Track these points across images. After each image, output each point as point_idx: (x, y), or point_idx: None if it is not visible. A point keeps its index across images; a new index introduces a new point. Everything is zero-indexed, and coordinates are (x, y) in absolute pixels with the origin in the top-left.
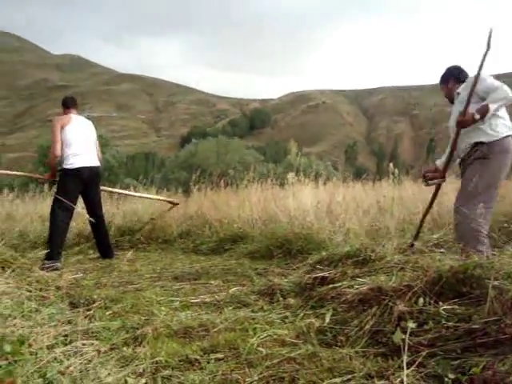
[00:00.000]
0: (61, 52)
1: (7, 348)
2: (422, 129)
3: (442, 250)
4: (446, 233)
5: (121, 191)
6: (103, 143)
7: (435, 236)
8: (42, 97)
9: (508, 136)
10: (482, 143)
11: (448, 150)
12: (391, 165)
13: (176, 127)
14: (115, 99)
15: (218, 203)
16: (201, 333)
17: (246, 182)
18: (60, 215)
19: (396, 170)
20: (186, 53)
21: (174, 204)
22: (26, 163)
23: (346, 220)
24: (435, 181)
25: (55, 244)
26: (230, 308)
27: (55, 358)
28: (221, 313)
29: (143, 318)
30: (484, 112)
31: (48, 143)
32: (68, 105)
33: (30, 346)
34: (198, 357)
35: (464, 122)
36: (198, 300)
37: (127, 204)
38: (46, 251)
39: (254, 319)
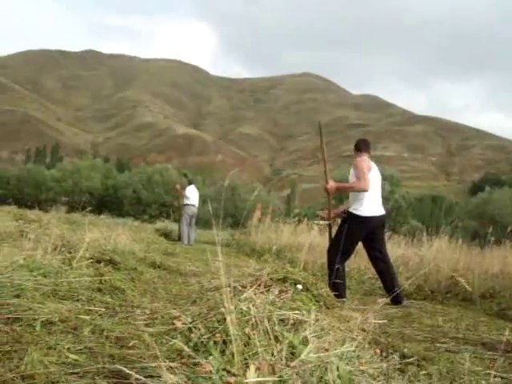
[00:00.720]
0: (359, 92)
1: None
2: None
3: None
4: None
5: None
6: (394, 183)
7: None
8: (339, 133)
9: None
10: None
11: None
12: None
13: (468, 172)
14: (407, 140)
15: None
16: None
17: None
18: (342, 260)
19: None
20: (484, 96)
21: None
22: (319, 194)
23: None
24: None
25: (340, 286)
26: None
27: None
28: None
29: None
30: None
31: (343, 177)
32: (361, 148)
33: None
34: None
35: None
36: None
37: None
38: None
39: None
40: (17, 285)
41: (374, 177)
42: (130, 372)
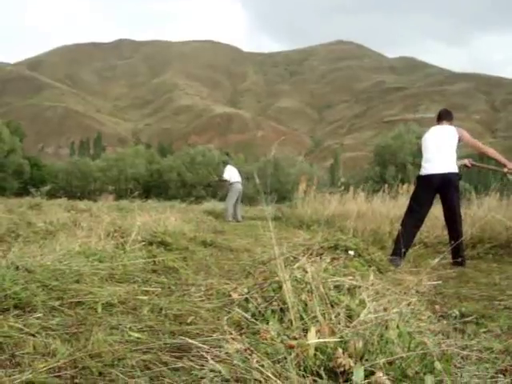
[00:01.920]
0: (395, 55)
1: (438, 365)
2: None
3: None
4: None
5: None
6: None
7: None
8: (378, 99)
9: None
10: None
11: None
12: None
13: None
14: (449, 99)
15: None
16: None
17: None
18: (408, 218)
19: None
20: None
21: None
22: (362, 162)
23: None
24: None
25: (398, 244)
26: None
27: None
28: None
29: None
30: None
31: (384, 143)
32: (439, 117)
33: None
34: None
35: None
36: None
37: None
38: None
39: None
40: (75, 271)
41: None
42: (194, 342)
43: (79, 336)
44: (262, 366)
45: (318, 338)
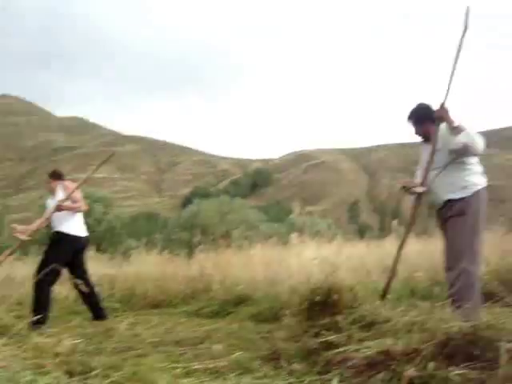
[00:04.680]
0: (66, 114)
1: None
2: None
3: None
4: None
5: None
6: (106, 204)
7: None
8: (46, 158)
9: (482, 187)
10: (456, 200)
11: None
12: (394, 222)
13: (178, 188)
14: (120, 160)
15: (220, 264)
16: None
17: (249, 242)
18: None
19: (400, 228)
20: (188, 115)
21: None
22: (29, 223)
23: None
24: (416, 189)
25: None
26: (233, 375)
27: None
28: (224, 379)
29: None
30: (459, 128)
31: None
32: (60, 176)
33: None
34: None
35: (441, 112)
36: (201, 366)
37: (130, 266)
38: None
39: None
40: None
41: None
42: None
43: None
44: None
45: None
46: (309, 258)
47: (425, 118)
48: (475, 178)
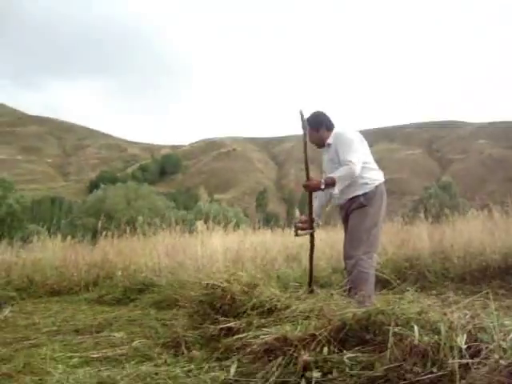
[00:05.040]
0: None
1: None
2: None
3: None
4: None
5: None
6: (6, 187)
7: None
8: None
9: (380, 182)
10: (358, 195)
11: (308, 205)
12: (297, 211)
13: (85, 172)
14: (22, 141)
15: (124, 251)
16: None
17: (154, 229)
18: None
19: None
20: (98, 97)
21: None
22: None
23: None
24: (304, 231)
25: None
26: (133, 362)
27: None
28: (122, 368)
29: (36, 378)
30: (330, 184)
31: None
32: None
33: None
34: None
35: (309, 187)
36: (99, 355)
37: (30, 253)
38: None
39: (156, 374)
40: None
41: None
42: None
43: None
44: None
45: None
46: (214, 246)
47: (319, 126)
48: (373, 174)
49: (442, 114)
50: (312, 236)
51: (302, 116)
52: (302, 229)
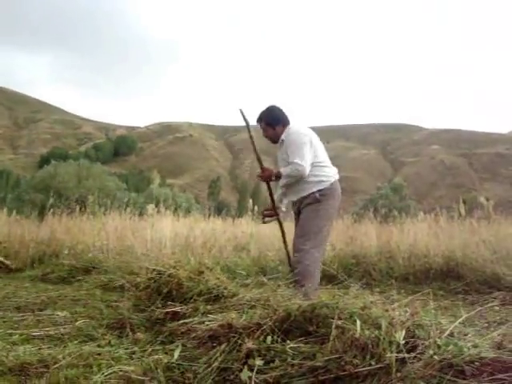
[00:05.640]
0: None
1: None
2: None
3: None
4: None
5: None
6: None
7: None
8: None
9: (334, 179)
10: (313, 192)
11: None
12: (251, 201)
13: (36, 146)
14: None
15: (72, 230)
16: (40, 369)
17: (104, 209)
18: None
19: (256, 207)
20: (54, 71)
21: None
22: None
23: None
24: (270, 218)
25: None
26: (75, 342)
27: None
28: (65, 347)
29: None
30: (278, 177)
31: None
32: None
33: None
34: None
35: (262, 178)
36: (41, 333)
37: None
38: None
39: (99, 354)
40: None
41: None
42: None
43: None
44: None
45: None
46: (163, 231)
47: (276, 124)
48: (328, 171)
49: (399, 117)
50: (279, 221)
51: (243, 115)
52: (269, 216)
